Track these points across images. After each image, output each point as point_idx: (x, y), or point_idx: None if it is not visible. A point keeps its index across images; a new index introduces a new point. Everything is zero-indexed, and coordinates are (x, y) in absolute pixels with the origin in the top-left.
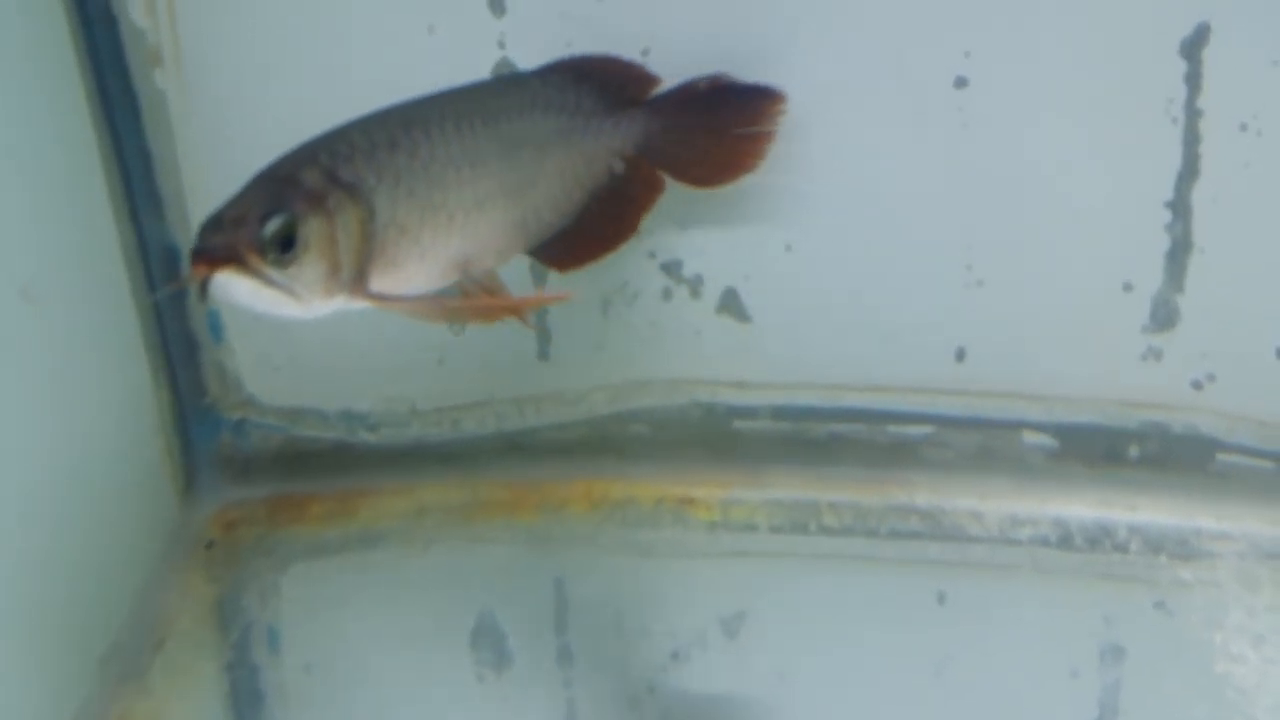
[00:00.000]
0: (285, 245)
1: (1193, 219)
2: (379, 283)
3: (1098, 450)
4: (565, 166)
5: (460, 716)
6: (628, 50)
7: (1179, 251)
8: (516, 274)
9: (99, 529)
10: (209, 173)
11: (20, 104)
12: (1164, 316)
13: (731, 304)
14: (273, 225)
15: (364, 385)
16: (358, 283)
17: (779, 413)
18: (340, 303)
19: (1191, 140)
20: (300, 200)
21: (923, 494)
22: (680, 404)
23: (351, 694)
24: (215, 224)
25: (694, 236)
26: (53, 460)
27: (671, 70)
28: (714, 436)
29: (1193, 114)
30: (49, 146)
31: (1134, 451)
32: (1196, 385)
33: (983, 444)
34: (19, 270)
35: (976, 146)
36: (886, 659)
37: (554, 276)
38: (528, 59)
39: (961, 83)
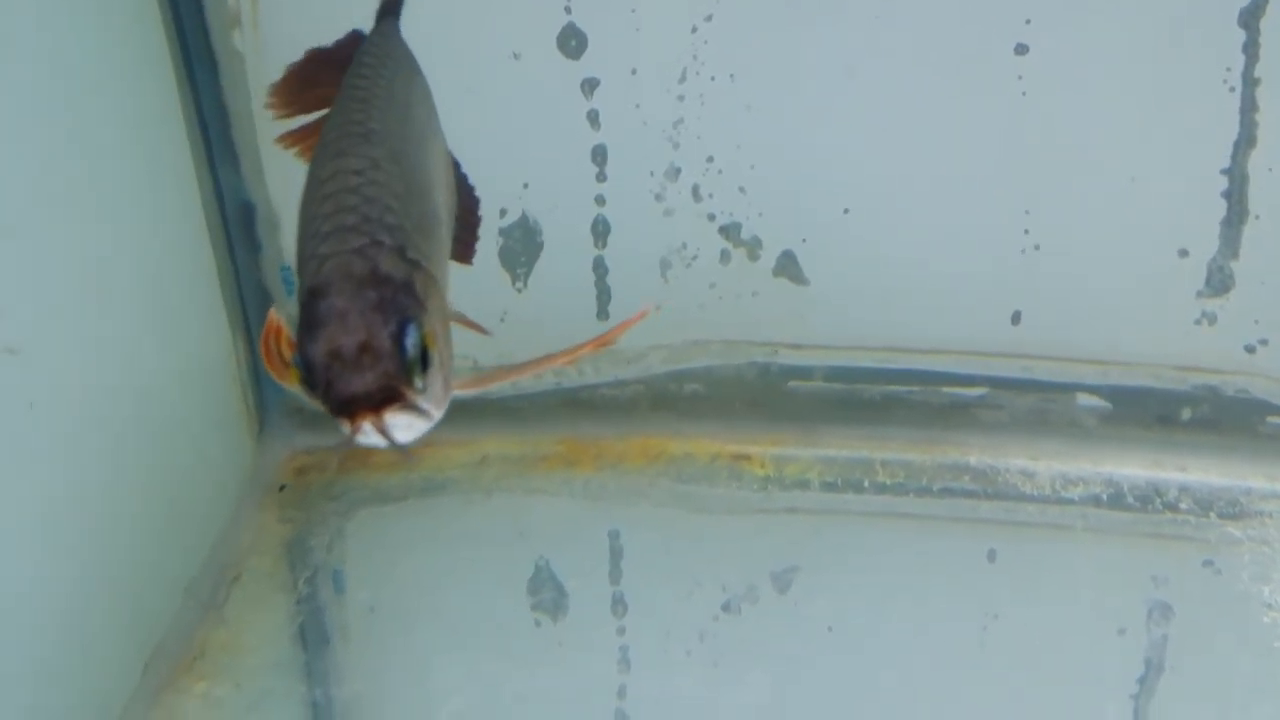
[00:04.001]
0: (423, 362)
1: (1249, 186)
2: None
3: (1150, 413)
4: (442, 143)
5: (516, 660)
6: (690, 19)
7: (1235, 218)
8: None
9: (183, 470)
10: (283, 129)
11: (110, 63)
12: (1219, 282)
13: (789, 266)
14: (413, 346)
15: None
16: (451, 373)
17: (834, 373)
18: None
19: (1249, 108)
20: (411, 303)
21: (976, 453)
22: (736, 364)
23: (412, 635)
24: (338, 360)
25: (753, 199)
26: (140, 406)
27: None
28: (769, 396)
29: (1250, 83)
30: (136, 102)
31: (1186, 414)
32: (1249, 349)
33: (1037, 406)
34: (110, 222)
35: (1036, 112)
36: (935, 615)
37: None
38: (594, 23)
39: (1022, 49)
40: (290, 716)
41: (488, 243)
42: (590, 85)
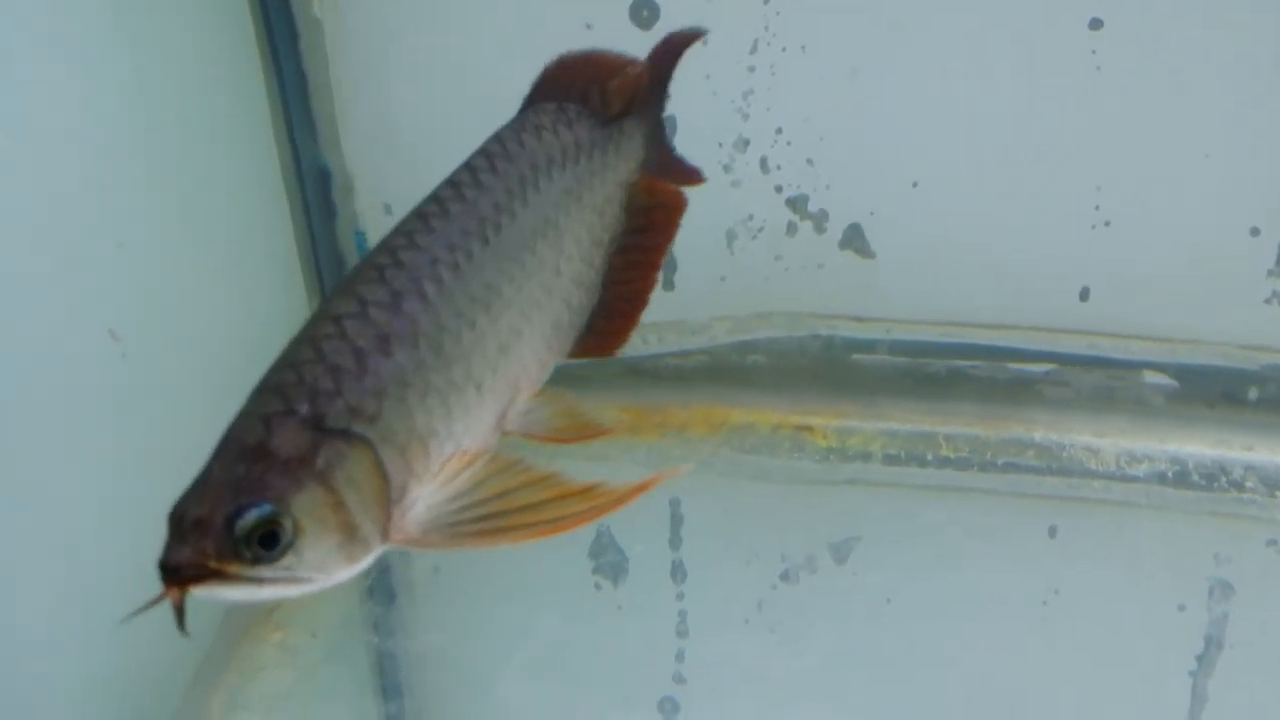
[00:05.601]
0: (268, 540)
1: None
2: (415, 492)
3: (1217, 391)
4: (581, 231)
5: (576, 621)
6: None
7: None
8: None
9: None
10: (359, 97)
11: (194, 31)
12: None
13: (855, 239)
14: (245, 526)
15: None
16: (387, 528)
17: (898, 347)
18: (375, 555)
19: None
20: (277, 483)
21: (1040, 429)
22: (800, 336)
23: (475, 595)
24: (178, 527)
25: (820, 172)
26: (220, 365)
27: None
28: (832, 368)
29: None
30: (219, 70)
31: (1253, 393)
32: None
33: (1103, 383)
34: (194, 188)
35: (1109, 88)
36: (996, 589)
37: None
38: (667, 10)
39: (1097, 24)
40: (363, 666)
41: None
42: None
